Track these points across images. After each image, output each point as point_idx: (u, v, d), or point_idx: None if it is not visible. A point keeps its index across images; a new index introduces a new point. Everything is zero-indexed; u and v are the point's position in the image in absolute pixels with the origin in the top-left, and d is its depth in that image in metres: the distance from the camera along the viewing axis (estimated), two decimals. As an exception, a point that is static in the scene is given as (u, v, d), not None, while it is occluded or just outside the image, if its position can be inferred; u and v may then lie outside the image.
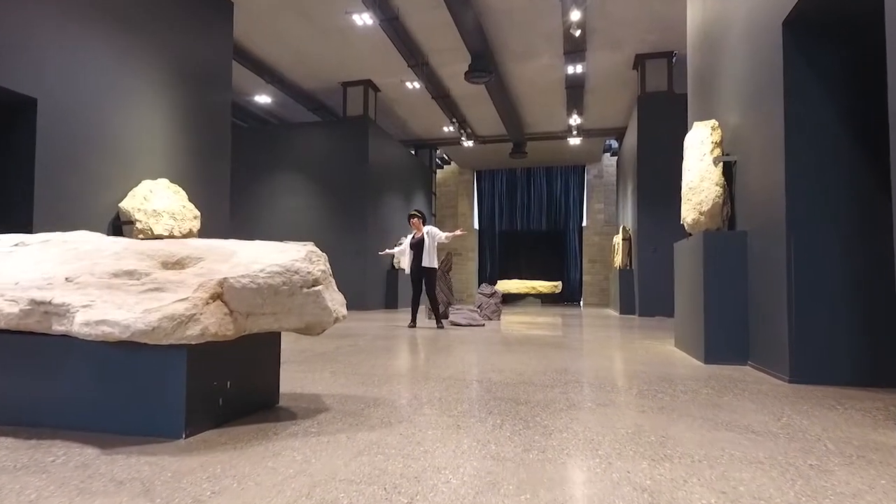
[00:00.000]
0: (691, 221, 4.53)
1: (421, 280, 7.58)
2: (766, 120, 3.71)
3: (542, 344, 5.41)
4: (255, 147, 13.43)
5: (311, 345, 5.07)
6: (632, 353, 4.69)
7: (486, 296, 9.57)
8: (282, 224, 13.12)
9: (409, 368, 3.72)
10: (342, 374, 3.42)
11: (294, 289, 2.14)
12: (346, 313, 2.38)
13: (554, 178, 20.53)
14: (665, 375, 3.52)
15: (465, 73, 10.27)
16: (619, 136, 16.03)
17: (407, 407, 2.51)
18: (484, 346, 5.26)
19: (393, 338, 5.94)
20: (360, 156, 12.76)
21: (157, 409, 1.96)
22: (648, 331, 7.31)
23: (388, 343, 5.38)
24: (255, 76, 11.96)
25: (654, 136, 11.10)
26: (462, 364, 3.93)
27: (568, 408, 2.52)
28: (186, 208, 6.26)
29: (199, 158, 7.06)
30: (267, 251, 2.21)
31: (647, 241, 11.06)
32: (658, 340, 5.90)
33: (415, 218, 7.71)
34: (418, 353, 4.61)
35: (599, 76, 12.18)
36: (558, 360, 4.17)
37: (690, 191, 4.56)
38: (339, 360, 4.05)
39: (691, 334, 4.46)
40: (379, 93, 13.27)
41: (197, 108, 7.05)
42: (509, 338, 6.13)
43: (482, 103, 13.69)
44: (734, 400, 2.74)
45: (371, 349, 4.81)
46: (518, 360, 4.19)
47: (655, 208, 11.02)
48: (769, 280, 3.59)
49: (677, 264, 5.20)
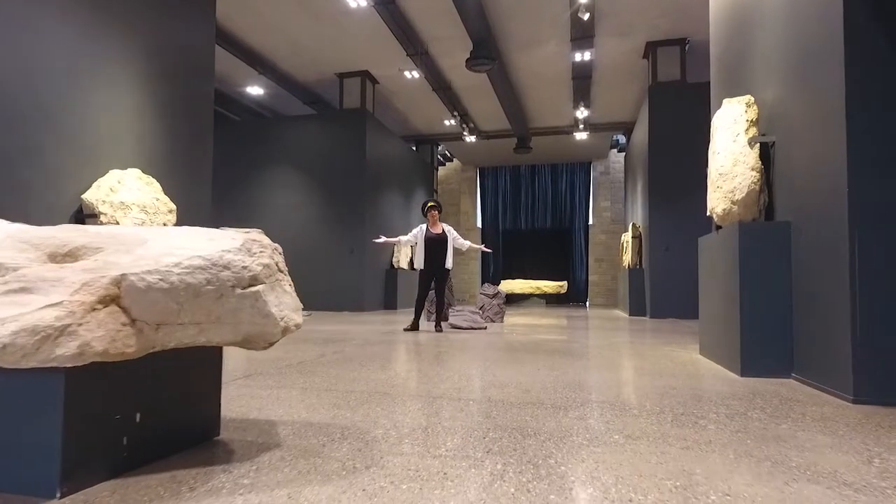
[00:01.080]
0: (721, 212, 3.96)
1: (431, 281, 7.03)
2: (817, 92, 3.14)
3: (549, 351, 4.85)
4: (249, 141, 12.91)
5: (290, 352, 4.52)
6: (653, 363, 4.12)
7: (489, 296, 9.00)
8: (277, 221, 12.58)
9: (396, 383, 3.16)
10: (314, 391, 2.87)
11: (224, 289, 1.59)
12: (300, 321, 1.83)
13: (559, 175, 19.93)
14: (699, 392, 2.95)
15: (467, 61, 9.71)
16: (628, 130, 15.44)
17: (381, 441, 1.95)
18: (485, 352, 4.70)
19: (386, 343, 5.38)
20: (357, 150, 12.21)
21: (22, 457, 1.41)
22: (664, 335, 6.73)
23: (379, 350, 4.82)
24: (247, 66, 11.43)
25: (666, 127, 10.52)
26: (459, 377, 3.37)
27: (589, 442, 1.96)
28: (160, 201, 5.72)
29: (178, 148, 6.52)
30: (189, 240, 1.65)
31: (658, 238, 10.48)
32: (678, 347, 5.32)
33: (434, 210, 7.09)
34: (410, 363, 4.05)
35: (607, 66, 11.60)
36: (570, 372, 3.61)
37: (721, 177, 3.99)
38: (317, 372, 3.50)
39: (723, 341, 3.89)
40: (377, 85, 12.72)
41: (175, 95, 6.52)
42: (513, 343, 5.57)
43: (485, 96, 13.12)
44: (798, 430, 2.18)
45: (358, 357, 4.25)
46: (523, 371, 3.63)
47: (667, 204, 10.44)
48: (823, 279, 3.02)
49: (703, 261, 4.62)
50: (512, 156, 17.88)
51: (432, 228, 7.06)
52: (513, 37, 10.37)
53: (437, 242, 6.98)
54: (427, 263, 6.96)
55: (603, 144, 17.45)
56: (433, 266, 6.95)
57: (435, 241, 6.98)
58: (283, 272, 1.83)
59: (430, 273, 6.98)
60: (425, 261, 6.96)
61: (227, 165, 12.93)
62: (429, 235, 7.02)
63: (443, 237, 7.00)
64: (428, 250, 6.95)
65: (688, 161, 10.35)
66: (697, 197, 10.72)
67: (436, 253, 6.94)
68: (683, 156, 10.34)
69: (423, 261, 6.97)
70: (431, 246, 6.96)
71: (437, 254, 6.94)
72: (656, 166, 10.58)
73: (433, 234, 7.02)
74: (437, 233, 7.03)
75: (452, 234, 7.10)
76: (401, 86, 12.76)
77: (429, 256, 6.94)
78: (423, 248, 6.97)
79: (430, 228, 7.06)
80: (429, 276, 7.01)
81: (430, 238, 6.99)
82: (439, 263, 6.94)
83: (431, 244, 6.97)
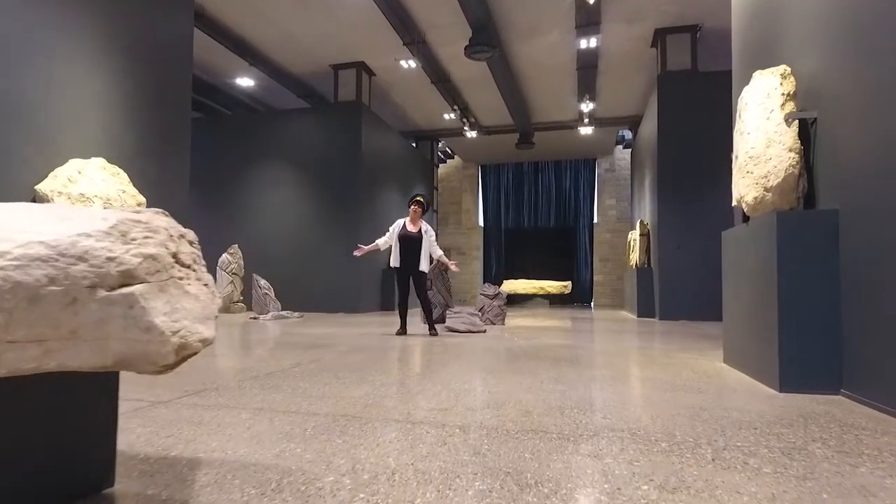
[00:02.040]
0: (752, 201, 3.44)
1: (409, 281, 6.51)
2: (876, 58, 2.62)
3: (554, 358, 4.33)
4: (240, 136, 12.43)
5: (263, 361, 4.02)
6: (672, 374, 3.60)
7: (489, 297, 8.49)
8: (270, 218, 12.11)
9: (370, 402, 2.66)
10: (268, 414, 2.36)
11: (77, 291, 1.08)
12: (209, 335, 1.32)
13: (563, 172, 19.40)
14: (736, 414, 2.43)
15: (466, 48, 9.20)
16: (634, 125, 14.91)
17: (328, 496, 1.44)
18: (481, 360, 4.18)
19: (371, 350, 4.87)
20: (352, 145, 11.71)
21: None
22: (678, 339, 6.20)
23: (362, 358, 4.32)
24: (237, 57, 10.94)
25: (676, 119, 9.99)
26: (447, 393, 2.86)
27: (611, 496, 1.45)
28: (127, 194, 5.23)
29: (150, 138, 6.04)
30: (30, 219, 1.15)
31: (668, 236, 9.95)
32: (697, 353, 4.80)
33: (416, 205, 6.51)
34: (393, 374, 3.54)
35: (614, 56, 11.07)
36: (578, 386, 3.09)
37: (751, 161, 3.46)
38: (282, 387, 2.99)
39: (755, 350, 3.37)
40: (374, 77, 12.22)
41: (148, 80, 6.03)
42: (514, 349, 5.05)
43: (486, 89, 12.61)
44: (884, 474, 1.65)
45: (335, 367, 3.74)
46: (524, 384, 3.12)
47: (678, 200, 9.91)
48: (882, 276, 2.50)
49: (728, 258, 4.10)
50: (514, 152, 17.37)
51: (410, 225, 6.53)
52: (514, 24, 9.86)
53: (410, 241, 6.42)
54: (402, 262, 6.42)
55: (608, 140, 16.92)
56: (408, 266, 6.41)
57: (408, 240, 6.42)
58: (187, 267, 1.32)
59: (404, 272, 6.45)
60: (400, 259, 6.42)
61: (217, 161, 12.46)
62: (403, 233, 6.46)
63: (417, 236, 6.44)
64: (401, 249, 6.42)
65: (699, 154, 9.84)
66: (710, 191, 10.26)
67: (409, 252, 6.39)
68: (694, 149, 9.82)
69: (399, 259, 6.43)
70: (404, 244, 6.42)
71: (410, 253, 6.39)
72: (666, 160, 10.05)
73: (408, 231, 6.47)
74: (413, 231, 6.49)
75: (430, 234, 6.53)
76: (398, 78, 12.26)
77: (402, 255, 6.40)
78: (396, 245, 6.45)
79: (408, 224, 6.54)
80: (404, 277, 6.48)
81: (403, 235, 6.43)
82: (412, 263, 6.39)
83: (404, 242, 6.42)
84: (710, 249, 9.86)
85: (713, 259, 10.10)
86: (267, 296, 9.46)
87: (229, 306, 11.05)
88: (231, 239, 11.60)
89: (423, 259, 6.38)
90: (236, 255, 11.24)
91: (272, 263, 11.71)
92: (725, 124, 9.92)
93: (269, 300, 9.45)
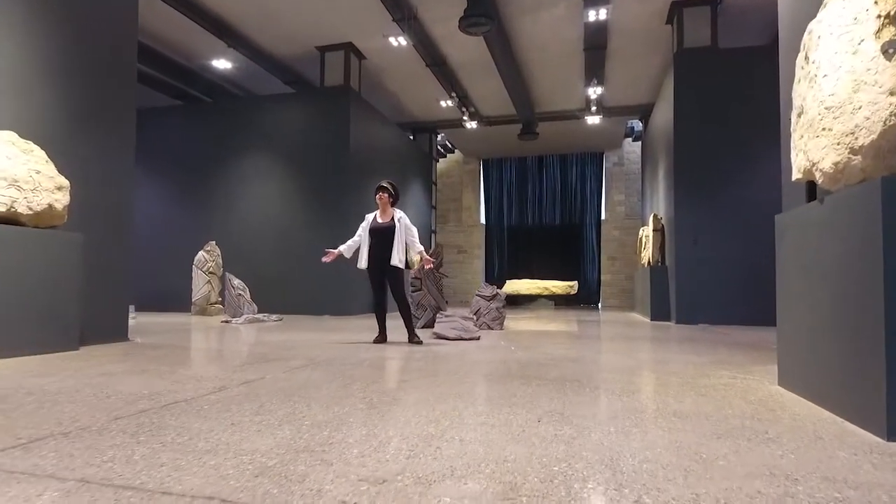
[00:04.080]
0: (832, 168, 2.50)
1: (384, 281, 5.60)
2: None
3: (558, 379, 3.40)
4: (221, 124, 11.54)
5: (178, 383, 3.11)
6: (720, 405, 2.66)
7: (486, 298, 7.55)
8: (252, 213, 11.22)
9: (271, 465, 1.74)
10: (83, 497, 1.45)
11: None
12: None
13: (569, 166, 18.41)
14: (854, 497, 1.50)
15: (460, 21, 8.25)
16: (645, 115, 13.93)
17: None
18: (464, 382, 3.25)
19: (331, 365, 3.96)
20: (340, 133, 10.79)
21: None
22: (707, 349, 5.25)
23: (312, 378, 3.40)
24: (215, 38, 10.05)
25: (695, 101, 9.03)
26: (398, 445, 1.94)
27: None
28: (43, 174, 4.33)
29: (81, 111, 5.13)
30: None
31: (685, 231, 8.99)
32: (737, 369, 3.85)
33: (383, 193, 5.61)
34: (334, 408, 2.61)
35: (624, 35, 10.10)
36: (592, 428, 2.17)
37: (829, 113, 2.52)
38: (163, 431, 2.08)
39: (839, 374, 2.43)
40: (364, 60, 11.31)
41: (80, 43, 5.14)
42: (509, 362, 4.13)
43: (485, 74, 11.67)
44: None
45: (266, 394, 2.83)
46: (515, 426, 2.19)
47: (696, 191, 8.95)
48: None
49: (785, 248, 3.15)
50: (517, 146, 16.42)
51: (381, 217, 5.62)
52: None
53: (380, 233, 5.50)
54: (371, 260, 5.48)
55: (617, 131, 15.95)
56: (378, 263, 5.48)
57: (378, 232, 5.51)
58: None
59: (376, 271, 5.52)
60: (369, 256, 5.48)
61: (196, 152, 11.60)
62: (373, 225, 5.56)
63: (388, 225, 5.53)
64: (371, 243, 5.50)
65: (720, 139, 8.88)
66: (732, 181, 9.26)
67: (379, 246, 5.47)
68: (714, 133, 8.87)
69: (367, 256, 5.48)
70: (375, 237, 5.51)
71: (381, 247, 5.46)
72: (683, 146, 9.09)
73: (378, 223, 5.56)
74: (384, 222, 5.58)
75: (406, 223, 5.60)
76: (390, 61, 11.34)
77: (372, 250, 5.49)
78: (367, 240, 5.53)
79: (379, 217, 5.63)
80: (377, 275, 5.55)
81: (374, 228, 5.53)
82: (383, 258, 5.45)
83: (375, 235, 5.51)
84: (732, 244, 8.88)
85: (736, 255, 9.19)
86: (241, 297, 8.56)
87: (206, 308, 10.17)
88: (209, 235, 10.73)
89: (395, 251, 5.46)
90: (214, 253, 10.36)
91: (253, 262, 10.82)
92: (750, 105, 9.04)
93: (244, 302, 8.55)
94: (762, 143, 8.54)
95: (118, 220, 5.51)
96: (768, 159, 8.49)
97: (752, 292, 8.46)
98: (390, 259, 5.42)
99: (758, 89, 8.55)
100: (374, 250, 5.48)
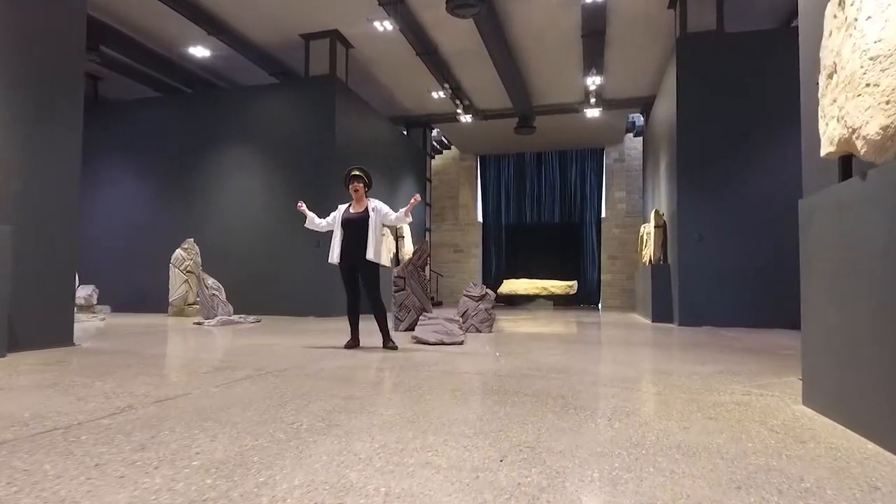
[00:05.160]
0: (878, 133, 1.96)
1: (356, 278, 5.07)
2: None
3: (540, 394, 2.87)
4: (201, 116, 11.01)
5: (80, 401, 2.58)
6: (736, 435, 2.13)
7: (474, 299, 7.02)
8: (233, 209, 10.69)
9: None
10: None
11: None
12: None
13: (568, 163, 17.86)
14: None
15: (447, 2, 7.72)
16: (646, 108, 13.38)
17: None
18: (424, 401, 2.72)
19: (280, 377, 3.43)
20: (325, 125, 10.26)
21: None
22: (713, 355, 4.71)
23: (255, 390, 2.87)
24: (193, 25, 9.54)
25: (699, 89, 8.48)
26: (307, 494, 1.41)
27: None
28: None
29: (21, 101, 4.61)
30: None
31: (689, 227, 8.44)
32: (753, 384, 3.31)
33: (357, 183, 5.06)
34: (259, 433, 2.09)
35: (624, 20, 9.55)
36: (570, 471, 1.63)
37: (873, 64, 1.98)
38: (1, 476, 1.56)
39: (890, 394, 1.89)
40: (351, 49, 10.78)
41: (15, 26, 4.62)
42: (487, 374, 3.59)
43: (479, 64, 11.14)
44: None
45: (191, 411, 2.30)
46: (473, 466, 1.66)
47: (700, 184, 8.41)
48: None
49: (815, 237, 2.60)
50: (515, 141, 15.89)
51: (355, 207, 5.08)
52: (507, -22, 8.40)
53: (353, 225, 4.96)
54: (343, 254, 4.93)
55: (617, 126, 15.40)
56: (351, 257, 4.93)
57: (352, 224, 4.97)
58: None
59: (348, 268, 4.98)
60: (341, 250, 4.94)
61: (174, 146, 11.09)
62: (346, 216, 5.02)
63: (362, 216, 4.99)
64: (343, 236, 4.97)
65: (726, 130, 8.32)
66: (738, 174, 8.69)
67: (352, 239, 4.93)
68: (720, 123, 8.32)
69: (339, 250, 4.94)
70: (347, 229, 4.97)
71: (354, 241, 4.93)
72: (687, 136, 8.54)
73: (351, 214, 5.02)
74: (358, 212, 5.04)
75: (382, 211, 5.03)
76: (379, 50, 10.81)
77: (345, 243, 4.95)
78: (338, 233, 5.00)
79: (352, 207, 5.10)
80: (349, 272, 5.01)
81: (346, 220, 4.99)
82: (357, 252, 4.91)
83: (348, 227, 4.97)
84: (738, 240, 8.30)
85: (743, 251, 8.56)
86: (215, 297, 8.04)
87: (183, 308, 9.66)
88: (188, 232, 10.22)
89: (370, 244, 4.93)
90: (192, 251, 9.85)
91: (234, 260, 10.31)
92: (759, 93, 8.49)
93: (218, 302, 8.03)
94: (772, 132, 8.00)
95: (62, 216, 4.98)
96: (779, 149, 7.97)
97: (760, 292, 7.92)
98: (365, 253, 4.90)
99: (768, 76, 8.02)
100: (347, 243, 4.94)
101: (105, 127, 11.43)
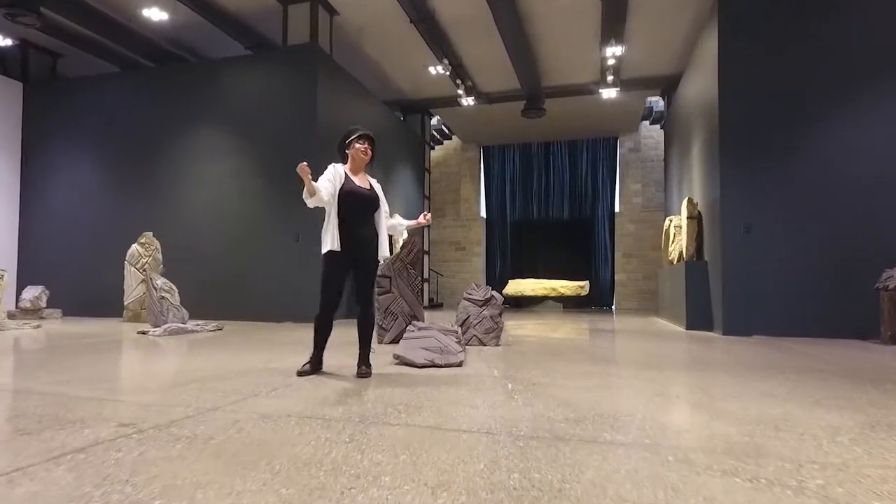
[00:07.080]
0: None
1: (347, 272, 3.61)
2: None
3: (625, 500, 1.49)
4: (163, 93, 9.65)
5: None
6: None
7: (477, 304, 5.63)
8: (200, 199, 9.33)
9: None
10: None
11: None
12: None
13: (579, 153, 16.45)
14: None
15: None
16: (668, 90, 11.98)
17: None
18: None
19: (155, 440, 2.08)
20: (306, 101, 8.89)
21: None
22: (813, 385, 3.32)
23: (51, 493, 1.51)
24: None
25: (747, 53, 7.09)
26: None
27: None
28: None
29: None
30: None
31: (735, 217, 7.04)
32: (876, 441, 1.93)
33: (370, 144, 3.72)
34: None
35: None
36: None
37: None
38: None
39: None
40: (336, 16, 9.42)
41: None
42: (514, 437, 2.23)
43: (483, 36, 9.78)
44: None
45: None
46: None
47: (748, 165, 7.02)
48: None
49: None
50: (521, 129, 14.50)
51: (355, 176, 3.71)
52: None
53: (362, 202, 3.61)
54: (346, 240, 3.51)
55: (634, 110, 13.99)
56: (357, 248, 3.56)
57: (360, 200, 3.60)
58: None
59: (346, 261, 3.57)
60: (341, 234, 3.49)
61: (133, 127, 9.74)
62: (351, 187, 3.59)
63: (371, 196, 3.66)
64: (349, 213, 3.54)
65: (780, 99, 6.91)
66: (794, 147, 6.63)
67: (359, 222, 3.57)
68: (774, 91, 6.93)
69: (338, 234, 3.49)
70: (352, 207, 3.56)
71: (360, 225, 3.58)
72: (731, 113, 7.14)
73: (356, 186, 3.62)
74: (365, 187, 3.69)
75: (381, 197, 3.77)
76: (369, 17, 9.45)
77: (349, 225, 3.54)
78: (335, 208, 3.54)
79: (352, 174, 3.71)
80: (345, 268, 3.61)
81: (351, 192, 3.57)
82: (366, 243, 3.58)
83: (352, 204, 3.56)
84: (797, 231, 6.71)
85: (803, 244, 6.50)
86: (165, 300, 6.68)
87: (139, 313, 8.32)
88: (149, 226, 8.88)
89: (382, 235, 3.62)
90: (151, 247, 8.51)
91: (200, 257, 8.97)
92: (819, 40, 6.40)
93: (168, 307, 6.67)
94: (842, 90, 6.67)
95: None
96: (852, 111, 6.55)
97: (821, 294, 6.53)
98: (377, 247, 3.62)
99: (840, 12, 6.67)
100: (352, 227, 3.54)
101: (61, 107, 10.11)
